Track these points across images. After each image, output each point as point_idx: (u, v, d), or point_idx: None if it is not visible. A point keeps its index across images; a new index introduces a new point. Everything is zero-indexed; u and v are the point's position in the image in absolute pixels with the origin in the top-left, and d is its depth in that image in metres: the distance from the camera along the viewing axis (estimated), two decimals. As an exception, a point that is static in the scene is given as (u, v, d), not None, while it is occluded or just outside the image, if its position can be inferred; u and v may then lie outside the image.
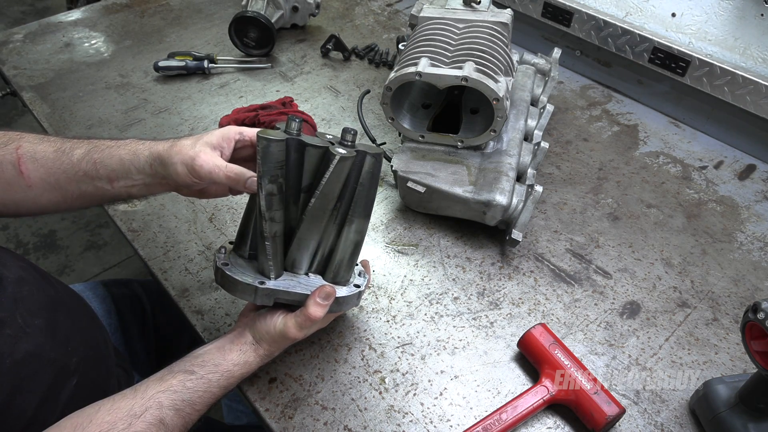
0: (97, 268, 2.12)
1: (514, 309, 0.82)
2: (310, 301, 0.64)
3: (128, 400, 0.59)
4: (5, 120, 2.73)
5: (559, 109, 1.18)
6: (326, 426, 0.68)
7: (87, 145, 0.70)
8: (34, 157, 0.69)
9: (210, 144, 0.66)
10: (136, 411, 0.58)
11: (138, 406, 0.58)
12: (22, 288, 0.66)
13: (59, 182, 0.70)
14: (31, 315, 0.65)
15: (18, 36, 1.37)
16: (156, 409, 0.59)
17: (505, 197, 0.84)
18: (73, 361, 0.68)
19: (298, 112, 1.08)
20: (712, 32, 1.07)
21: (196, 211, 0.95)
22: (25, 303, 0.65)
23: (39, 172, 0.69)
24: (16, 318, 0.62)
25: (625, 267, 0.88)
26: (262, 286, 0.64)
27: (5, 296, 0.63)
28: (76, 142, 0.71)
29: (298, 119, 0.63)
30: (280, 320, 0.66)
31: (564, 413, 0.70)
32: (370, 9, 1.54)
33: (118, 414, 0.57)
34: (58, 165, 0.69)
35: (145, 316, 1.04)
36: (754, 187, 1.03)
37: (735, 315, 0.82)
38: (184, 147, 0.66)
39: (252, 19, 1.25)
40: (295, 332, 0.65)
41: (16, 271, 0.67)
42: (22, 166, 0.69)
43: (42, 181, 0.69)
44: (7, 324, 0.61)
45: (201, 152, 0.65)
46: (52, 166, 0.69)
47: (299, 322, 0.65)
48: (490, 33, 0.93)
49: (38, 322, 0.65)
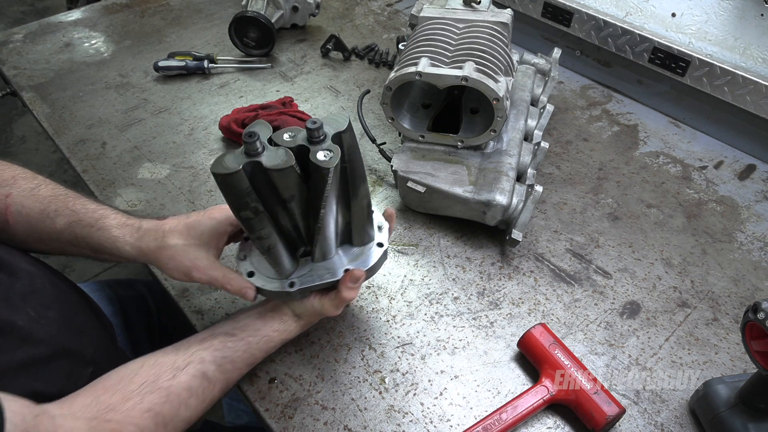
0: (97, 268, 2.12)
1: (514, 309, 0.82)
2: (343, 287, 0.66)
3: (171, 356, 0.62)
4: (5, 120, 2.73)
5: (559, 109, 1.18)
6: (326, 426, 0.68)
7: (69, 216, 0.69)
8: (20, 212, 0.69)
9: (204, 245, 0.66)
10: (180, 364, 0.61)
11: (181, 361, 0.61)
12: (35, 281, 0.67)
13: (43, 240, 0.71)
14: (44, 307, 0.66)
15: (18, 36, 1.37)
16: (198, 363, 0.62)
17: (505, 197, 0.84)
18: (89, 351, 0.69)
19: (298, 111, 1.08)
20: (712, 32, 1.07)
21: (196, 210, 0.95)
22: (37, 296, 0.66)
23: (24, 227, 0.70)
24: (28, 311, 0.63)
25: (625, 267, 0.88)
26: (292, 289, 0.66)
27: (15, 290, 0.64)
28: (61, 206, 0.70)
29: (254, 136, 0.54)
30: (317, 301, 0.68)
31: (564, 413, 0.70)
32: (370, 9, 1.54)
33: (162, 368, 0.60)
34: (42, 227, 0.69)
35: (151, 316, 1.04)
36: (754, 187, 1.03)
37: (735, 315, 0.82)
38: (177, 253, 0.65)
39: (252, 19, 1.25)
40: (332, 311, 0.69)
41: (26, 265, 0.69)
42: (9, 216, 0.69)
43: (26, 234, 0.70)
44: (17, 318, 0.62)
45: (197, 261, 0.65)
46: (36, 226, 0.70)
47: (335, 303, 0.68)
48: (490, 33, 0.93)
49: (51, 314, 0.66)
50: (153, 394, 0.58)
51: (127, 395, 0.57)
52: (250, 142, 0.54)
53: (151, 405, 0.58)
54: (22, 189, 0.70)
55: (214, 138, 1.10)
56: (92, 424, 0.54)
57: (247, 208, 0.56)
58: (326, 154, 0.56)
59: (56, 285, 0.72)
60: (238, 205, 0.57)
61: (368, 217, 0.69)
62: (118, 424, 0.55)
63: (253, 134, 0.54)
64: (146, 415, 0.57)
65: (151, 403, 0.58)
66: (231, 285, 0.66)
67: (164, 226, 0.67)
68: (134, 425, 0.56)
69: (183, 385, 0.61)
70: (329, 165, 0.54)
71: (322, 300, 0.68)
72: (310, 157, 0.55)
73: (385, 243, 0.71)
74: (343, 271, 0.67)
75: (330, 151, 0.56)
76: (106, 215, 0.69)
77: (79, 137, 1.09)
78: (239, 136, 1.06)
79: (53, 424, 0.50)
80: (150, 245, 0.66)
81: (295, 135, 0.58)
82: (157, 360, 0.61)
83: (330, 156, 0.55)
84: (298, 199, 0.60)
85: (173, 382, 0.60)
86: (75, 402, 0.55)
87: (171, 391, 0.59)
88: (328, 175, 0.55)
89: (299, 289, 0.66)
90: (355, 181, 0.64)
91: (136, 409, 0.56)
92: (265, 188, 0.57)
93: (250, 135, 0.53)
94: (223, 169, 0.53)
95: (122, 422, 0.55)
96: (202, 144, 1.08)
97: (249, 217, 0.57)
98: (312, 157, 0.55)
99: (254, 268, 0.68)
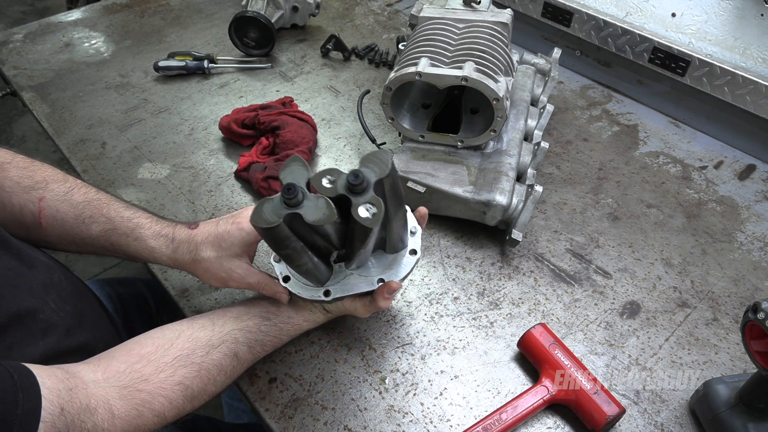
0: (97, 268, 2.12)
1: (514, 309, 0.82)
2: (379, 297, 0.68)
3: (207, 332, 0.64)
4: (5, 120, 2.73)
5: (559, 109, 1.18)
6: (326, 426, 0.68)
7: (105, 224, 0.70)
8: (54, 217, 0.70)
9: (236, 255, 0.68)
10: (214, 342, 0.63)
11: (216, 338, 0.63)
12: (53, 274, 0.69)
13: (76, 242, 0.72)
14: (62, 300, 0.67)
15: (18, 36, 1.37)
16: (232, 343, 0.64)
17: (505, 197, 0.84)
18: (100, 346, 0.69)
19: (298, 112, 1.08)
20: (712, 32, 1.07)
21: (196, 211, 0.95)
22: (56, 288, 0.67)
23: (57, 231, 0.71)
24: (48, 303, 0.65)
25: (625, 267, 0.88)
26: (327, 298, 0.67)
27: (37, 281, 0.65)
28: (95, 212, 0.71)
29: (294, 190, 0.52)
30: (349, 303, 0.70)
31: (564, 413, 0.70)
32: (370, 9, 1.54)
33: (197, 343, 0.62)
34: (77, 232, 0.71)
35: (151, 315, 1.04)
36: (754, 187, 1.03)
37: (735, 315, 0.82)
38: (212, 265, 0.67)
39: (252, 19, 1.25)
40: (363, 314, 0.71)
41: (43, 258, 0.70)
42: (42, 219, 0.70)
43: (59, 238, 0.72)
44: (40, 309, 0.63)
45: (232, 272, 0.68)
46: (71, 231, 0.71)
47: (368, 309, 0.70)
48: (490, 33, 0.93)
49: (68, 308, 0.67)
50: (186, 368, 0.60)
51: (161, 367, 0.59)
52: (290, 198, 0.52)
53: (182, 379, 0.60)
54: (56, 193, 0.71)
55: (214, 138, 1.10)
56: (124, 393, 0.55)
57: (287, 248, 0.57)
58: (369, 209, 0.53)
59: (71, 279, 0.73)
60: (277, 248, 0.58)
61: (404, 228, 0.69)
62: (149, 394, 0.57)
63: (293, 188, 0.52)
64: (177, 388, 0.59)
65: (183, 377, 0.60)
66: (266, 291, 0.69)
67: (196, 237, 0.68)
68: (164, 397, 0.58)
69: (215, 362, 0.62)
70: (372, 225, 0.52)
71: (355, 302, 0.69)
72: (352, 212, 0.53)
73: (418, 250, 0.70)
74: (377, 280, 0.68)
75: (372, 205, 0.53)
76: (140, 225, 0.70)
77: (79, 137, 1.09)
78: (239, 136, 1.06)
79: (86, 394, 0.52)
80: (185, 257, 0.68)
81: (335, 181, 0.55)
82: (193, 334, 0.63)
83: (373, 213, 0.53)
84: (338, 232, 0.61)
85: (206, 359, 0.62)
86: (110, 367, 0.57)
87: (203, 368, 0.61)
88: (371, 232, 0.54)
89: (334, 298, 0.67)
90: (396, 208, 0.62)
91: (168, 381, 0.59)
92: (304, 229, 0.56)
93: (289, 189, 0.52)
94: (265, 224, 0.52)
95: (153, 393, 0.57)
96: (202, 144, 1.08)
97: (289, 254, 0.58)
98: (354, 213, 0.53)
99: (289, 273, 0.69)
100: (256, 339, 0.67)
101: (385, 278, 0.68)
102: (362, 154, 1.07)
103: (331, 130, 1.12)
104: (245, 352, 0.66)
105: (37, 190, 0.70)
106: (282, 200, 0.53)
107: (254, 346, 0.67)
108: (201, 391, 0.62)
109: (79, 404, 0.50)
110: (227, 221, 0.68)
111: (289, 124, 1.02)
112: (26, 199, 0.69)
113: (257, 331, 0.67)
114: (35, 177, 0.71)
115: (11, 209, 0.70)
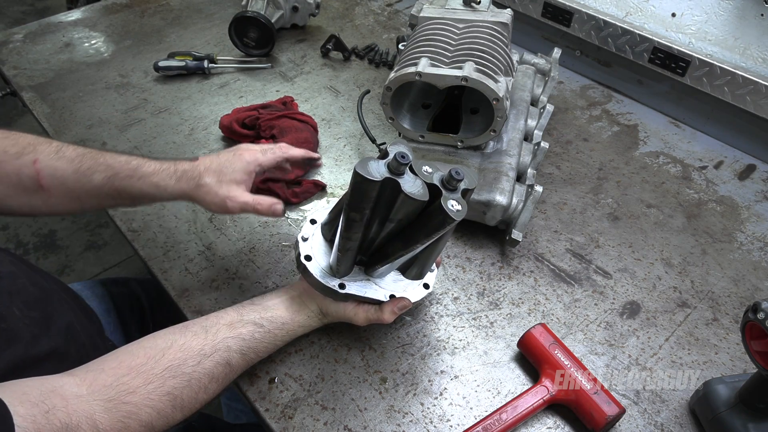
0: (97, 268, 2.12)
1: (514, 309, 0.82)
2: (387, 308, 0.69)
3: (200, 340, 0.63)
4: (5, 120, 2.73)
5: (559, 109, 1.18)
6: (326, 426, 0.68)
7: (105, 171, 0.71)
8: (54, 175, 0.70)
9: (235, 181, 0.73)
10: (206, 351, 0.62)
11: (208, 347, 0.62)
12: (16, 281, 0.67)
13: (80, 198, 0.72)
14: (27, 308, 0.66)
15: (18, 36, 1.37)
16: (224, 351, 0.63)
17: (505, 197, 0.84)
18: (73, 350, 0.69)
19: (298, 113, 1.08)
20: (712, 32, 1.07)
21: (196, 210, 0.95)
22: (20, 295, 0.66)
23: (60, 189, 0.71)
24: (13, 311, 0.63)
25: (625, 267, 0.88)
26: (342, 291, 0.68)
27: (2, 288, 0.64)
28: (93, 162, 0.71)
29: (406, 158, 0.55)
30: (352, 308, 0.70)
31: (564, 413, 0.70)
32: (370, 9, 1.54)
33: (189, 353, 0.61)
34: (80, 186, 0.71)
35: (144, 314, 1.04)
36: (754, 187, 1.03)
37: (735, 315, 0.82)
38: (212, 188, 0.72)
39: (252, 19, 1.25)
40: (362, 323, 0.71)
41: (7, 265, 0.68)
42: (42, 180, 0.70)
43: (63, 195, 0.72)
44: (5, 317, 0.61)
45: (230, 192, 0.72)
46: (74, 186, 0.71)
47: (371, 318, 0.70)
48: (490, 33, 0.93)
49: (35, 315, 0.66)
50: (175, 378, 0.59)
51: (150, 378, 0.58)
52: (402, 164, 0.54)
53: (171, 389, 0.58)
54: (47, 153, 0.70)
55: (214, 138, 1.10)
56: (109, 405, 0.54)
57: (360, 211, 0.57)
58: (457, 204, 0.56)
59: (37, 284, 0.71)
60: (355, 206, 0.57)
61: (434, 260, 0.72)
62: (135, 406, 0.55)
63: (406, 156, 0.55)
64: (165, 399, 0.58)
65: (172, 388, 0.58)
66: (261, 206, 0.72)
67: (199, 167, 0.73)
68: (152, 407, 0.57)
69: (206, 371, 0.62)
70: (456, 218, 0.55)
71: (357, 309, 0.70)
72: (441, 202, 0.55)
73: (431, 286, 0.74)
74: (389, 295, 0.70)
75: (459, 203, 0.56)
76: (141, 164, 0.72)
77: (79, 137, 1.09)
78: (240, 136, 1.06)
79: (66, 412, 0.50)
80: (189, 185, 0.72)
81: (432, 173, 0.59)
82: (185, 343, 0.62)
83: (458, 209, 0.56)
84: (398, 224, 0.61)
85: (197, 368, 0.61)
86: (97, 380, 0.55)
87: (193, 377, 0.60)
88: (451, 225, 0.56)
89: (346, 294, 0.68)
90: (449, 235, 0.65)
91: (156, 392, 0.57)
92: (383, 202, 0.58)
93: (404, 156, 0.54)
94: (368, 175, 0.53)
95: (139, 404, 0.56)
96: (202, 144, 1.08)
97: (355, 219, 0.58)
98: (444, 203, 0.55)
99: (311, 254, 0.69)
100: (249, 347, 0.66)
101: (397, 296, 0.70)
102: (362, 154, 1.07)
103: (331, 130, 1.12)
104: (238, 360, 0.65)
105: (28, 155, 0.69)
106: (387, 164, 0.55)
107: (247, 354, 0.66)
108: (192, 400, 0.61)
109: (58, 425, 0.48)
110: (227, 152, 0.75)
111: (287, 132, 1.01)
112: (19, 165, 0.69)
113: (251, 338, 0.66)
114: (20, 143, 0.70)
115: (7, 179, 0.69)
